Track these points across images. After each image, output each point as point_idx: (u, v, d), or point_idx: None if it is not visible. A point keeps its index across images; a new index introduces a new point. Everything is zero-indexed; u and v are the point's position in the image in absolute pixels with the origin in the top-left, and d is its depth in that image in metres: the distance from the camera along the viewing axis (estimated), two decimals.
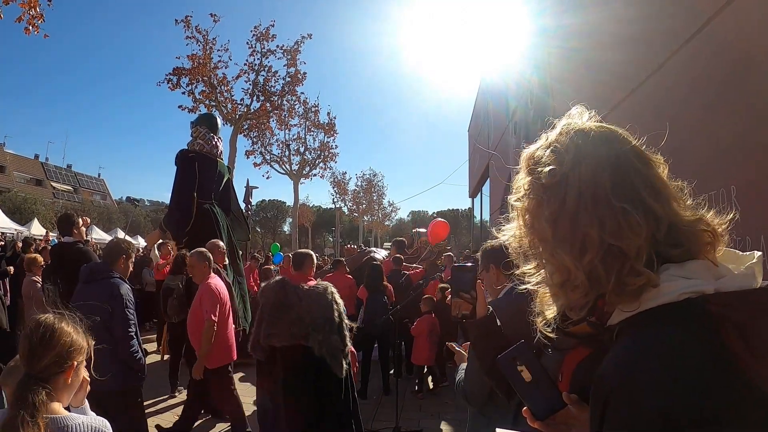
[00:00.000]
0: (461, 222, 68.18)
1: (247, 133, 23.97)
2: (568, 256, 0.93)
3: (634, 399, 0.79)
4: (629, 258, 0.88)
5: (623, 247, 0.88)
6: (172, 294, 7.11)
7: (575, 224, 0.92)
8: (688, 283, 0.86)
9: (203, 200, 8.00)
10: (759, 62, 2.35)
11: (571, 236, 0.93)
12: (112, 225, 46.02)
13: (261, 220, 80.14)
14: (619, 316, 0.94)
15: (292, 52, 22.08)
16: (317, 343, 4.17)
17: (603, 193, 0.91)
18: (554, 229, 0.95)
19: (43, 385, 1.79)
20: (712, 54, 2.75)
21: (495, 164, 13.57)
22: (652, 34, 3.46)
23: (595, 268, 0.90)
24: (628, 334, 0.90)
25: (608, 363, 0.88)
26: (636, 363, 0.82)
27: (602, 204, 0.90)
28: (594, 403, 0.89)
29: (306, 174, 28.80)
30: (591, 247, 0.90)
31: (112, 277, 4.15)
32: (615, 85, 4.12)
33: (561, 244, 0.94)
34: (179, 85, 19.94)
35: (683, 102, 3.04)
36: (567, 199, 0.93)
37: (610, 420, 0.83)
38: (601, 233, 0.89)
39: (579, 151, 0.96)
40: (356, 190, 46.32)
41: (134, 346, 4.05)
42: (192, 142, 8.20)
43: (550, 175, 0.96)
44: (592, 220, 0.90)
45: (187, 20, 19.91)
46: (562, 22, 6.00)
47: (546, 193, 0.97)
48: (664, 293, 0.87)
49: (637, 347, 0.84)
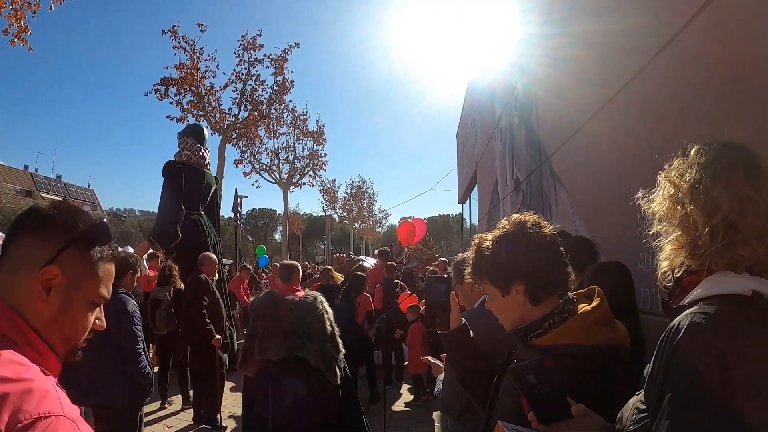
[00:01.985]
0: (452, 227, 68.36)
1: (235, 142, 23.97)
2: (700, 216, 1.14)
3: (702, 353, 1.01)
4: (743, 233, 1.10)
5: (740, 223, 1.10)
6: (159, 306, 7.09)
7: (709, 194, 1.14)
8: (759, 285, 1.08)
9: (191, 211, 8.00)
10: (731, 70, 2.40)
11: (704, 202, 1.14)
12: None
13: (252, 229, 79.95)
14: (694, 294, 1.14)
15: (279, 60, 22.14)
16: (312, 353, 4.15)
17: (736, 180, 1.13)
18: (692, 194, 1.17)
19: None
20: (685, 62, 2.81)
21: (480, 170, 13.63)
22: (630, 43, 3.52)
23: (717, 231, 1.12)
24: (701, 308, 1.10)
25: (686, 318, 1.08)
26: (711, 326, 1.04)
27: (733, 186, 1.12)
28: (663, 348, 1.10)
29: (296, 182, 28.81)
30: (719, 214, 1.12)
31: (118, 293, 4.12)
32: (595, 93, 4.17)
33: (695, 207, 1.15)
34: (167, 95, 19.96)
35: (660, 109, 3.09)
36: (705, 174, 1.16)
37: (676, 366, 1.05)
38: (730, 207, 1.11)
39: (723, 147, 1.21)
40: (346, 198, 46.34)
41: (142, 362, 4.07)
42: (179, 153, 8.21)
43: (698, 153, 1.22)
44: (723, 194, 1.12)
45: (174, 30, 19.93)
46: (545, 31, 6.06)
47: (690, 169, 1.20)
48: (739, 284, 1.09)
49: (709, 320, 1.05)
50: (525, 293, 1.54)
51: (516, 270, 1.54)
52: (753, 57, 2.26)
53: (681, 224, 1.19)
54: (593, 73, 4.31)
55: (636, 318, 2.53)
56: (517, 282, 1.54)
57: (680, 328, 1.07)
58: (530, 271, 1.53)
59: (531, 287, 1.53)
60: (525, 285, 1.53)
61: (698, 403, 0.98)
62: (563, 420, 1.21)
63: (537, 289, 1.53)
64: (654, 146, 2.68)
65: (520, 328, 1.56)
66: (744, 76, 2.31)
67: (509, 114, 8.66)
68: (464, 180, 19.32)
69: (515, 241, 1.55)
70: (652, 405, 1.10)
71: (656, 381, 1.09)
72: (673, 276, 1.22)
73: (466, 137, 17.94)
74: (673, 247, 1.21)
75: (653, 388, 1.09)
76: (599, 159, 4.17)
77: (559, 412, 1.22)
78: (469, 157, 17.05)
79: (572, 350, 1.43)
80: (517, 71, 7.90)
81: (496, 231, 1.62)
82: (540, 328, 1.51)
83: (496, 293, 1.60)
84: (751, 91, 2.25)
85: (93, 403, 4.01)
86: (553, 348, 1.46)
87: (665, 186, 1.25)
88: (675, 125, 2.83)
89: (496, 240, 1.59)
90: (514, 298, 1.56)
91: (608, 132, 3.92)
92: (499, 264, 1.56)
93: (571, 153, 4.98)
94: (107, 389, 3.91)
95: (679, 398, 1.01)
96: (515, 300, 1.56)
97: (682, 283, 1.20)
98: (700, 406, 0.98)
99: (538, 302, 1.54)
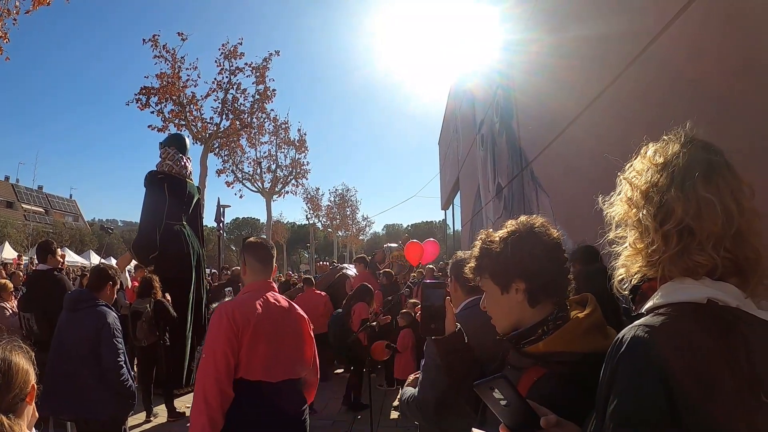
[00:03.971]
0: (436, 234, 68.42)
1: (217, 151, 23.82)
2: (652, 221, 1.11)
3: (642, 369, 0.99)
4: (699, 239, 1.06)
5: (696, 228, 1.06)
6: (140, 317, 7.01)
7: (663, 197, 1.10)
8: (715, 292, 1.05)
9: (173, 221, 7.93)
10: (702, 77, 2.47)
11: (658, 206, 1.11)
12: (85, 247, 45.10)
13: (235, 239, 79.42)
14: (651, 302, 1.11)
15: (260, 69, 22.06)
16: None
17: (693, 182, 1.09)
18: (647, 197, 1.14)
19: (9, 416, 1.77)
20: (655, 71, 2.87)
21: (463, 177, 13.68)
22: (607, 51, 3.58)
23: (670, 237, 1.08)
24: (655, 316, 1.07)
25: (630, 331, 1.06)
26: (653, 340, 1.01)
27: (689, 190, 1.08)
28: (608, 362, 1.08)
29: (278, 191, 28.71)
30: (672, 219, 1.08)
31: (98, 305, 4.08)
32: (574, 99, 4.23)
33: (648, 212, 1.13)
34: (148, 105, 19.74)
35: (634, 116, 3.15)
36: (662, 177, 1.13)
37: (618, 382, 1.03)
38: (684, 211, 1.07)
39: (682, 147, 1.16)
40: (330, 206, 46.25)
41: (124, 375, 4.00)
42: (161, 163, 8.14)
43: (655, 155, 1.18)
44: (677, 198, 1.08)
45: (154, 39, 19.78)
46: (525, 38, 6.13)
47: (647, 171, 1.17)
48: (695, 291, 1.06)
49: (652, 334, 1.02)
50: (524, 292, 1.54)
51: (519, 267, 1.54)
52: (724, 64, 2.32)
53: (636, 229, 1.17)
54: (572, 80, 4.37)
55: (620, 323, 2.55)
56: (518, 280, 1.54)
57: (623, 341, 1.05)
58: (533, 271, 1.53)
59: (531, 287, 1.53)
60: (525, 284, 1.53)
61: (639, 422, 0.98)
62: (535, 431, 1.20)
63: (537, 289, 1.53)
64: (630, 150, 2.73)
65: (513, 334, 1.56)
66: (714, 82, 2.37)
67: (490, 120, 8.74)
68: (447, 186, 19.40)
69: (522, 239, 1.55)
70: (599, 417, 1.09)
71: (602, 394, 1.08)
72: (630, 283, 1.20)
73: (449, 144, 18.03)
74: (628, 253, 1.19)
75: (600, 401, 1.09)
76: (580, 163, 4.23)
77: (530, 424, 1.20)
78: (451, 164, 17.13)
79: (565, 357, 1.44)
80: (498, 77, 7.97)
81: (504, 229, 1.62)
82: (533, 334, 1.51)
83: (495, 291, 1.60)
84: (720, 96, 2.32)
85: (76, 417, 3.95)
86: (547, 355, 1.46)
87: (624, 187, 1.22)
88: (648, 129, 2.89)
89: (504, 236, 1.59)
90: (513, 297, 1.56)
91: (587, 137, 3.98)
92: (504, 260, 1.56)
93: (552, 158, 5.04)
94: (90, 402, 3.85)
95: (619, 416, 1.00)
96: (513, 299, 1.56)
97: (641, 290, 1.19)
98: (640, 426, 0.97)
99: (535, 304, 1.54)
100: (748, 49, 2.20)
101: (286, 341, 2.93)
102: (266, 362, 2.80)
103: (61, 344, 3.95)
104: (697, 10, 2.53)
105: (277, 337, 2.87)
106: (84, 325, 3.94)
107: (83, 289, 4.62)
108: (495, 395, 1.21)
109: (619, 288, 1.23)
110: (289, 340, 2.97)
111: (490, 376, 1.23)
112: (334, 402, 7.85)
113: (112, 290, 4.30)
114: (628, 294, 1.22)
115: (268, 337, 2.81)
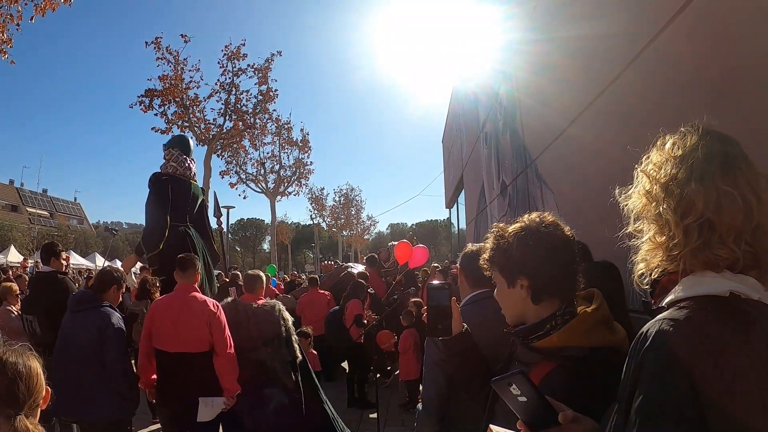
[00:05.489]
0: (441, 233, 68.44)
1: (220, 153, 23.85)
2: (673, 215, 1.09)
3: (668, 363, 0.98)
4: (720, 232, 1.05)
5: (716, 222, 1.05)
6: (136, 319, 7.01)
7: (684, 191, 1.09)
8: (737, 285, 1.04)
9: (178, 223, 7.93)
10: (706, 73, 2.46)
11: (678, 200, 1.09)
12: (90, 249, 45.29)
13: (240, 239, 79.62)
14: (672, 296, 1.10)
15: (263, 70, 22.08)
16: (268, 356, 4.49)
17: (712, 175, 1.07)
18: (666, 191, 1.12)
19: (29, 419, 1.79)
20: (662, 65, 2.86)
21: (467, 175, 13.66)
22: (609, 49, 3.57)
23: (691, 231, 1.07)
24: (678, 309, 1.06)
25: (655, 325, 1.05)
26: (678, 334, 1.00)
27: (709, 182, 1.07)
28: (633, 356, 1.07)
29: (282, 192, 28.73)
30: (692, 213, 1.07)
31: (102, 306, 4.09)
32: (575, 98, 4.22)
33: (669, 205, 1.11)
34: (152, 107, 19.82)
35: (633, 115, 3.15)
36: (681, 169, 1.11)
37: (643, 376, 1.02)
38: (705, 205, 1.06)
39: (700, 139, 1.14)
40: (334, 206, 46.30)
41: (128, 376, 4.02)
42: (165, 164, 8.13)
43: (673, 147, 1.16)
44: (698, 191, 1.07)
45: (157, 41, 19.86)
46: (527, 37, 6.12)
47: (666, 164, 1.15)
48: (717, 284, 1.05)
49: (677, 328, 1.01)
50: (528, 289, 1.57)
51: (523, 265, 1.57)
52: (729, 60, 2.31)
53: (656, 223, 1.15)
54: (575, 78, 4.36)
55: (626, 318, 2.54)
56: (522, 277, 1.57)
57: (648, 335, 1.04)
58: (535, 269, 1.55)
59: (534, 285, 1.56)
60: (528, 281, 1.56)
61: (665, 416, 0.97)
62: (552, 427, 1.21)
63: (539, 287, 1.55)
64: (633, 148, 2.72)
65: (521, 328, 1.59)
66: (719, 79, 2.36)
67: (494, 119, 8.72)
68: (451, 185, 19.37)
69: (528, 237, 1.57)
70: (622, 412, 1.08)
71: (626, 389, 1.08)
72: (650, 278, 1.18)
73: (452, 142, 17.99)
74: (648, 247, 1.17)
75: (624, 396, 1.08)
76: (584, 160, 4.22)
77: (548, 419, 1.21)
78: (455, 162, 17.10)
79: (573, 352, 1.46)
80: (501, 77, 7.96)
81: (517, 224, 1.64)
82: (541, 329, 1.53)
83: (503, 283, 1.64)
84: (725, 93, 2.31)
85: (80, 419, 3.96)
86: (555, 350, 1.49)
87: (642, 180, 1.20)
88: (652, 127, 2.88)
89: (513, 232, 1.62)
90: (518, 292, 1.59)
91: (590, 134, 3.97)
92: (510, 256, 1.59)
93: (555, 155, 5.03)
94: (94, 405, 3.86)
95: (645, 410, 1.00)
96: (518, 294, 1.59)
97: (661, 284, 1.17)
98: (666, 420, 0.96)
99: (538, 301, 1.56)
100: (749, 48, 2.19)
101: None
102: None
103: (65, 345, 3.97)
104: (697, 10, 2.52)
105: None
106: (87, 326, 3.95)
107: (87, 290, 4.63)
108: (513, 391, 1.22)
109: (639, 282, 1.21)
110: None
111: (507, 372, 1.25)
112: (340, 402, 7.88)
113: (117, 292, 4.32)
114: (648, 288, 1.20)
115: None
